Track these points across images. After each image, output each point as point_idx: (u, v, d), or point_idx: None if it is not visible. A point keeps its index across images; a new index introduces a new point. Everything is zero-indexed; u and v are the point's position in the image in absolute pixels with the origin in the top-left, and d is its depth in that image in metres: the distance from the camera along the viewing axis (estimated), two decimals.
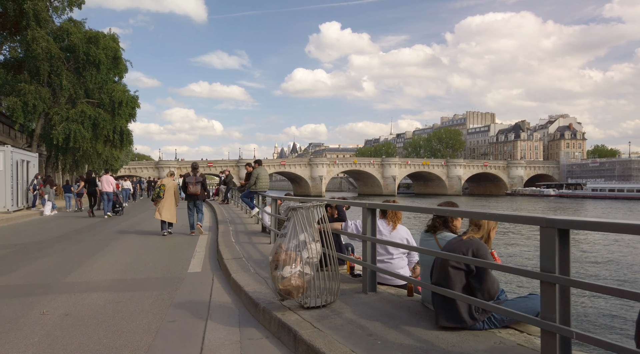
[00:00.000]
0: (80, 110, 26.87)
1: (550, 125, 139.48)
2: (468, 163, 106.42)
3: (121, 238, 10.56)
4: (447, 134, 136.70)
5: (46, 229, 12.84)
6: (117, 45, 28.52)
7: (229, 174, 20.79)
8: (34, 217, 17.40)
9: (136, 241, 10.09)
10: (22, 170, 18.85)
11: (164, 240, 10.16)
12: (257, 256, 6.86)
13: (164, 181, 11.20)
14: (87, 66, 27.20)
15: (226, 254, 6.91)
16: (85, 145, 27.26)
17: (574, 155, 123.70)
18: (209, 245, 9.02)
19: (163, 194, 10.74)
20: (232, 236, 8.83)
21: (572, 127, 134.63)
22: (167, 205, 10.71)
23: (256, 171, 10.54)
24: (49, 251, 8.72)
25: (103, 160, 47.51)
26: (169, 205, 10.77)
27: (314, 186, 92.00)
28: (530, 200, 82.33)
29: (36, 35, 25.25)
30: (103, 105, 28.19)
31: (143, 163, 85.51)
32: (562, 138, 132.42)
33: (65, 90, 26.74)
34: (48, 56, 25.77)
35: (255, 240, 8.60)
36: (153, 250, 8.79)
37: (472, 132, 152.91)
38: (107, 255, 8.28)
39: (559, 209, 55.19)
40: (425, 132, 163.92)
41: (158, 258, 7.83)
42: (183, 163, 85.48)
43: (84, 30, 27.71)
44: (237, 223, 11.68)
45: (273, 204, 8.28)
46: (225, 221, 12.07)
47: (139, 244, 9.59)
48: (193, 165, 11.22)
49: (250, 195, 10.57)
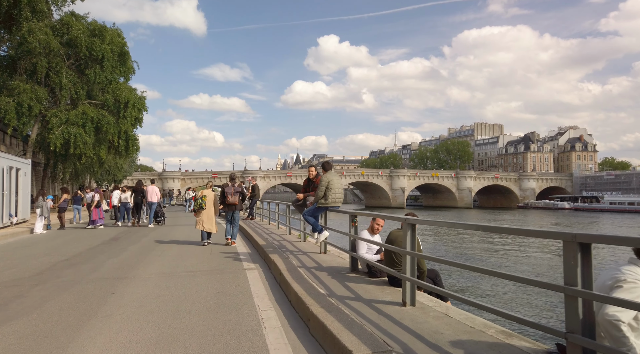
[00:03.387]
0: (82, 111, 23.84)
1: (560, 137, 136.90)
2: (479, 175, 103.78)
3: (134, 280, 7.40)
4: (455, 145, 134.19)
5: (29, 257, 9.61)
6: (123, 40, 25.60)
7: (256, 184, 17.67)
8: (21, 236, 14.24)
9: (161, 286, 6.92)
10: (9, 178, 15.75)
11: (211, 283, 7.03)
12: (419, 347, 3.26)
13: (205, 192, 11.23)
14: (90, 63, 24.27)
15: (347, 339, 3.35)
16: (87, 151, 24.17)
17: (587, 167, 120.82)
18: (273, 295, 5.83)
19: (205, 205, 10.82)
20: (314, 283, 5.34)
21: (582, 139, 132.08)
22: (208, 216, 10.83)
23: (326, 177, 7.42)
24: (7, 312, 4.98)
25: (105, 170, 44.30)
26: (210, 215, 10.88)
27: None
28: (544, 213, 79.47)
29: (33, 27, 22.38)
30: (107, 106, 25.16)
31: (147, 174, 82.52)
32: (572, 150, 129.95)
33: (65, 89, 23.76)
34: (46, 51, 22.85)
35: (365, 293, 4.88)
36: (193, 310, 5.63)
37: (480, 143, 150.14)
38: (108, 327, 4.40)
39: (577, 224, 52.57)
40: (432, 143, 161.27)
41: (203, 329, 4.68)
42: (187, 174, 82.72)
43: (88, 21, 24.80)
44: (292, 251, 8.53)
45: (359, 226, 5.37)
46: (274, 248, 8.93)
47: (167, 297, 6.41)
48: (231, 176, 11.33)
49: (318, 212, 7.44)
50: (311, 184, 8.32)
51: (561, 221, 57.57)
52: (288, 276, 5.78)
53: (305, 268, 6.43)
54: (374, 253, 5.84)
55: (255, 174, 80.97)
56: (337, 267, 6.47)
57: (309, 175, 8.40)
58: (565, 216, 71.01)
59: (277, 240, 10.51)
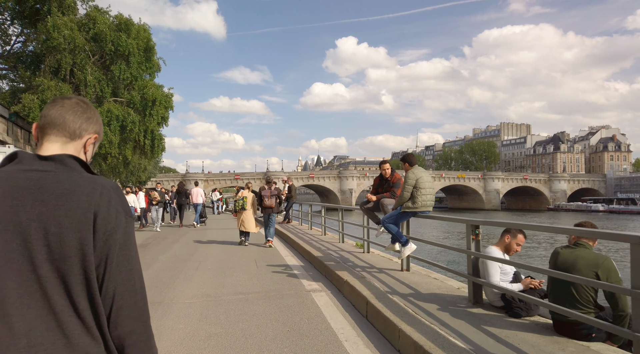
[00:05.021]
0: (107, 109, 22.79)
1: (591, 137, 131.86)
2: (507, 176, 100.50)
3: (172, 307, 5.94)
4: (481, 146, 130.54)
5: None
6: (149, 35, 24.49)
7: (292, 184, 16.18)
8: None
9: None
10: None
11: (272, 313, 5.52)
12: None
13: (244, 193, 11.36)
14: (116, 59, 23.22)
15: None
16: (112, 150, 23.10)
17: (621, 168, 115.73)
18: (366, 335, 4.22)
19: (246, 206, 11.00)
20: (434, 325, 3.59)
21: (615, 138, 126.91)
22: (248, 216, 10.97)
23: (413, 174, 5.71)
24: None
25: (130, 171, 43.56)
26: (250, 216, 11.04)
27: (344, 200, 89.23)
28: (576, 216, 75.70)
29: (58, 23, 21.43)
30: (133, 104, 24.05)
31: (170, 176, 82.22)
32: (605, 150, 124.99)
33: (90, 86, 22.75)
34: (71, 47, 21.88)
35: (532, 350, 3.13)
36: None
37: (507, 144, 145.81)
38: None
39: (620, 227, 49.52)
40: (456, 143, 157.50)
41: None
42: (210, 176, 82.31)
43: (113, 15, 23.79)
44: (361, 266, 6.95)
45: None
46: (335, 261, 7.37)
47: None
48: (267, 179, 11.51)
49: (403, 219, 5.82)
50: (385, 183, 6.71)
51: (599, 224, 54.57)
52: (384, 310, 4.21)
53: (398, 295, 4.83)
54: (510, 280, 4.16)
55: (277, 175, 79.83)
56: (442, 295, 4.81)
57: (383, 172, 6.78)
58: (600, 219, 67.54)
59: (331, 249, 8.95)
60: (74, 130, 1.21)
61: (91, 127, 1.25)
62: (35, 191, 1.08)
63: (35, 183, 1.09)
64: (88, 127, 1.24)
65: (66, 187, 1.09)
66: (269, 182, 11.35)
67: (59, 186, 1.09)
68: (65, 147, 1.20)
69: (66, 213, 1.07)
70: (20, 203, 1.06)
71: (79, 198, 1.08)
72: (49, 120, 1.20)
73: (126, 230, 1.14)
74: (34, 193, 1.07)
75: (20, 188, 1.08)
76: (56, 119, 1.20)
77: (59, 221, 1.06)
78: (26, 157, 1.13)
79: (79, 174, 1.13)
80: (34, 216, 1.06)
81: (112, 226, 1.11)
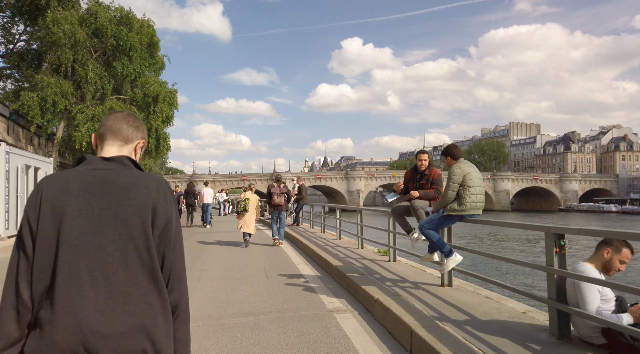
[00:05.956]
0: (109, 107, 21.94)
1: (602, 136, 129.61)
2: (516, 177, 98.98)
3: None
4: (490, 146, 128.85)
5: None
6: (153, 30, 23.61)
7: (302, 184, 15.15)
8: None
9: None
10: (24, 179, 13.74)
11: (290, 343, 4.51)
12: None
13: (247, 195, 11.22)
14: (117, 54, 22.37)
15: None
16: None
17: (634, 168, 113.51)
18: None
19: (249, 208, 10.90)
20: None
21: (627, 138, 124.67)
22: (250, 218, 10.91)
23: (459, 169, 4.70)
24: None
25: None
26: (252, 218, 11.00)
27: (351, 201, 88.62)
28: (589, 216, 74.21)
29: (58, 17, 20.65)
30: (136, 102, 23.17)
31: (177, 177, 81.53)
32: (617, 150, 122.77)
33: (91, 83, 21.91)
34: (72, 42, 21.06)
35: None
36: None
37: (517, 144, 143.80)
38: None
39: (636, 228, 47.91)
40: (465, 144, 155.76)
41: None
42: (217, 177, 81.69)
43: (114, 8, 22.91)
44: (390, 279, 5.92)
45: None
46: (358, 272, 6.33)
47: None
48: (277, 177, 11.66)
49: (446, 224, 4.75)
50: (422, 178, 5.59)
51: (614, 225, 53.00)
52: (439, 346, 3.16)
53: (450, 322, 3.77)
54: (612, 308, 3.08)
55: (284, 176, 78.97)
56: (509, 324, 3.72)
57: (419, 164, 5.67)
58: (613, 219, 65.90)
59: (350, 256, 7.89)
60: (127, 135, 1.50)
61: (139, 134, 1.55)
62: (104, 185, 1.34)
63: (102, 179, 1.35)
64: (137, 134, 1.54)
65: (128, 181, 1.36)
66: (278, 180, 11.42)
67: (122, 180, 1.36)
68: (121, 149, 1.48)
69: (130, 201, 1.33)
70: (92, 195, 1.32)
71: (139, 190, 1.35)
72: (107, 129, 1.50)
73: (177, 218, 1.41)
74: (102, 186, 1.33)
75: (91, 184, 1.33)
76: (113, 127, 1.49)
77: (125, 208, 1.32)
78: (93, 158, 1.41)
79: (135, 171, 1.41)
80: (104, 205, 1.32)
81: (169, 215, 1.37)
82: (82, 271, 1.25)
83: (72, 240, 1.26)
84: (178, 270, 1.38)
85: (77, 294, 1.23)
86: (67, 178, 1.33)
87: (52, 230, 1.27)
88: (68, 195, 1.29)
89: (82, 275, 1.25)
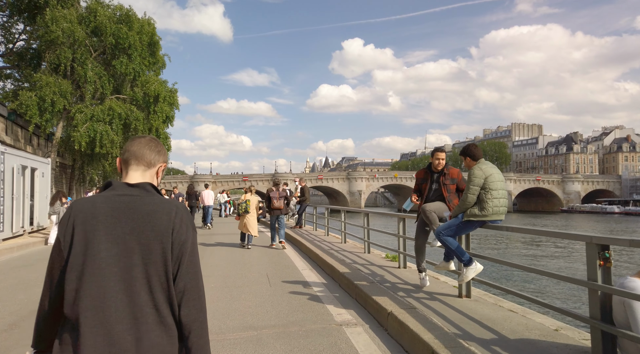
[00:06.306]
0: (108, 106, 21.60)
1: (605, 137, 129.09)
2: (519, 177, 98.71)
3: None
4: (492, 147, 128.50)
5: (19, 284, 7.05)
6: (154, 29, 23.28)
7: (305, 186, 14.81)
8: (33, 248, 11.86)
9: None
10: (21, 180, 13.41)
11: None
12: None
13: (248, 196, 11.14)
14: (117, 53, 22.03)
15: None
16: (114, 150, 21.89)
17: (637, 169, 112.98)
18: None
19: (249, 209, 10.80)
20: None
21: (630, 139, 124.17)
22: (251, 219, 10.83)
23: (480, 171, 4.35)
24: None
25: None
26: (254, 219, 10.96)
27: (353, 201, 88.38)
28: (591, 218, 73.71)
29: (56, 15, 20.32)
30: (136, 101, 22.83)
31: (178, 178, 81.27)
32: (619, 151, 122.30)
33: (90, 83, 21.58)
34: (71, 41, 20.73)
35: None
36: None
37: (518, 145, 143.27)
38: None
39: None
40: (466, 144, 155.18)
41: None
42: (218, 178, 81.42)
43: (113, 6, 22.59)
44: (402, 288, 5.57)
45: None
46: (367, 281, 5.97)
47: None
48: (275, 181, 11.56)
49: (466, 230, 4.39)
50: (440, 177, 5.21)
51: (618, 226, 52.45)
52: None
53: (475, 341, 3.41)
54: None
55: (285, 177, 78.61)
56: (541, 344, 3.34)
57: (435, 163, 5.25)
58: (617, 221, 65.37)
59: (357, 262, 7.53)
60: (150, 160, 1.61)
61: (161, 158, 1.66)
62: (128, 211, 1.44)
63: (127, 205, 1.45)
64: (159, 158, 1.65)
65: (151, 208, 1.46)
66: (277, 184, 11.39)
67: (145, 207, 1.46)
68: (144, 174, 1.60)
69: (152, 228, 1.43)
70: (117, 221, 1.42)
71: (161, 216, 1.45)
72: (132, 155, 1.60)
73: (193, 240, 1.50)
74: (126, 212, 1.44)
75: (117, 209, 1.44)
76: (137, 153, 1.60)
77: (147, 234, 1.42)
78: (118, 184, 1.52)
79: (158, 197, 1.52)
80: (128, 230, 1.42)
81: (184, 238, 1.47)
82: (108, 292, 1.36)
83: (100, 263, 1.37)
84: (193, 291, 1.45)
85: (104, 314, 1.34)
86: (95, 203, 1.44)
87: (82, 254, 1.37)
88: (96, 220, 1.41)
89: (108, 296, 1.35)
